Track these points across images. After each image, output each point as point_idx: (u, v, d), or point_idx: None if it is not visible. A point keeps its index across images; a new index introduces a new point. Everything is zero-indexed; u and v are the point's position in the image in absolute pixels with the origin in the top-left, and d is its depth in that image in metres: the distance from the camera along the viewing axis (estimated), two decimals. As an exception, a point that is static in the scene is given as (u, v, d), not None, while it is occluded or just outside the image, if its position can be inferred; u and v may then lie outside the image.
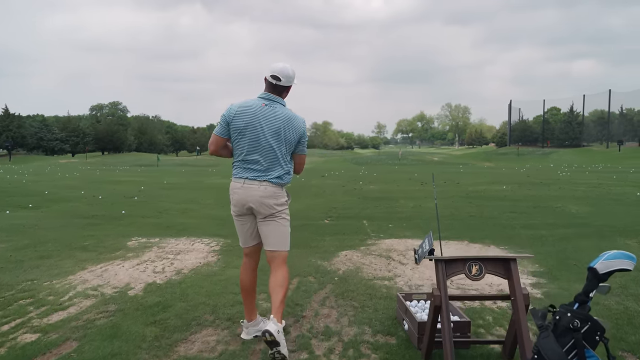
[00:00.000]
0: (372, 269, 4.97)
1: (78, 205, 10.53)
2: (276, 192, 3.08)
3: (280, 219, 3.13)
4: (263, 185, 3.07)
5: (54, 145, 77.54)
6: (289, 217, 3.20)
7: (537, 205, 9.93)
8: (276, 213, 3.10)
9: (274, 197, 3.08)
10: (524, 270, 4.86)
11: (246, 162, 3.06)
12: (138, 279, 4.55)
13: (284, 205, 3.14)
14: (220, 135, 3.10)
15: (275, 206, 3.09)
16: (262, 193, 3.05)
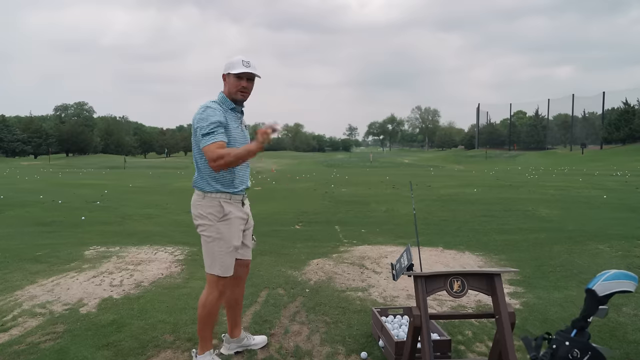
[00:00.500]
0: (344, 278, 4.75)
1: (35, 211, 9.96)
2: (195, 200, 2.77)
3: (201, 234, 2.76)
4: (194, 193, 2.86)
5: (14, 147, 74.74)
6: (214, 237, 2.69)
7: (508, 208, 9.92)
8: (197, 226, 2.77)
9: (194, 206, 2.78)
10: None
11: None
12: (92, 294, 4.20)
13: (203, 218, 2.70)
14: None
15: (195, 217, 2.78)
16: (191, 201, 2.84)
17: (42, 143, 76.32)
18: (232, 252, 2.76)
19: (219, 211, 2.70)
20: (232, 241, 2.74)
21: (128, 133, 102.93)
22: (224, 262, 2.73)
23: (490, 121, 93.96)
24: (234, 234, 2.75)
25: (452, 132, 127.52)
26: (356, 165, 52.84)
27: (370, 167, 44.37)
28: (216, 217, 2.70)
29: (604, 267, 5.09)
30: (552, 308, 3.81)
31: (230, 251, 2.74)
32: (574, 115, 74.49)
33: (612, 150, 56.53)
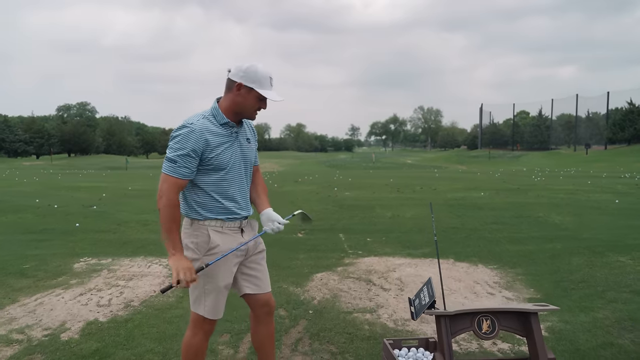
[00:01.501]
0: (351, 297, 4.40)
1: (28, 217, 9.64)
2: (183, 227, 2.37)
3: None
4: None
5: (16, 147, 74.62)
6: (198, 271, 2.25)
7: (519, 215, 9.55)
8: (186, 254, 2.38)
9: (182, 234, 2.38)
10: (519, 297, 4.37)
11: None
12: (77, 316, 3.86)
13: (188, 249, 2.31)
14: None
15: (183, 245, 2.38)
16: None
17: (44, 143, 76.15)
18: (222, 291, 2.37)
19: (206, 242, 2.30)
20: (218, 280, 2.33)
21: (130, 133, 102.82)
22: (211, 303, 2.34)
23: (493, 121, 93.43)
24: (221, 271, 2.32)
25: (454, 132, 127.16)
26: (358, 165, 52.52)
27: (373, 168, 44.02)
28: (202, 249, 2.30)
29: (630, 283, 4.73)
30: (581, 335, 3.45)
31: (219, 290, 2.35)
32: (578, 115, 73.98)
33: (616, 150, 56.03)
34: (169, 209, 2.20)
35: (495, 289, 4.62)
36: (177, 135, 2.21)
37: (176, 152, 2.19)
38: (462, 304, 4.17)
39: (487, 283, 4.83)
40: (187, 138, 2.19)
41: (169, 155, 2.20)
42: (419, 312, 2.21)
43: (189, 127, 2.21)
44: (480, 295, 4.42)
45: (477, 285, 4.77)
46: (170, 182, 2.20)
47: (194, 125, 2.21)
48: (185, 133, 2.20)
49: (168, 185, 2.20)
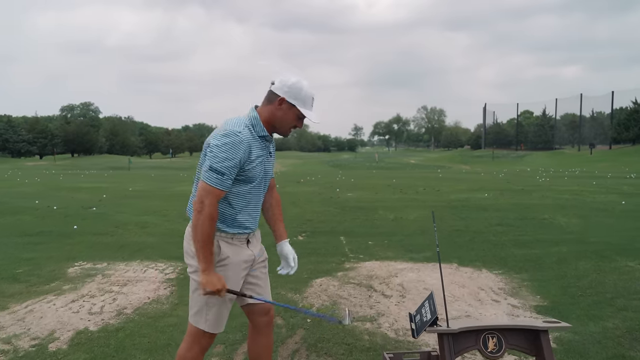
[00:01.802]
0: (351, 304, 4.26)
1: (26, 219, 9.53)
2: (189, 233, 2.25)
3: (190, 275, 2.25)
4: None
5: (20, 147, 74.76)
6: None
7: (523, 216, 9.38)
8: (187, 263, 2.28)
9: (186, 240, 2.28)
10: (525, 305, 4.21)
11: None
12: (67, 325, 3.73)
13: (194, 258, 2.18)
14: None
15: (185, 253, 2.29)
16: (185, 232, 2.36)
17: (48, 144, 76.24)
18: (226, 305, 2.25)
19: (216, 252, 2.18)
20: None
21: (133, 133, 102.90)
22: (213, 316, 2.21)
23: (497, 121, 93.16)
24: (230, 284, 2.21)
25: (458, 131, 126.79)
26: (362, 165, 52.37)
27: (376, 168, 43.86)
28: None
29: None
30: (591, 347, 3.30)
31: (223, 303, 2.23)
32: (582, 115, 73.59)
33: (621, 150, 55.68)
34: (210, 223, 2.08)
35: (500, 296, 4.47)
36: (224, 144, 2.07)
37: (224, 163, 2.06)
38: (465, 312, 4.02)
39: (492, 289, 4.68)
40: (236, 148, 2.08)
41: (215, 165, 2.06)
42: (420, 329, 2.07)
43: (237, 136, 2.09)
44: (484, 303, 4.27)
45: (481, 291, 4.62)
46: (215, 195, 2.08)
47: (242, 135, 2.10)
48: (234, 142, 2.08)
49: (212, 198, 2.07)
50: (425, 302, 2.12)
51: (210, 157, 2.08)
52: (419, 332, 2.08)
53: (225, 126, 2.13)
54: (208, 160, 2.08)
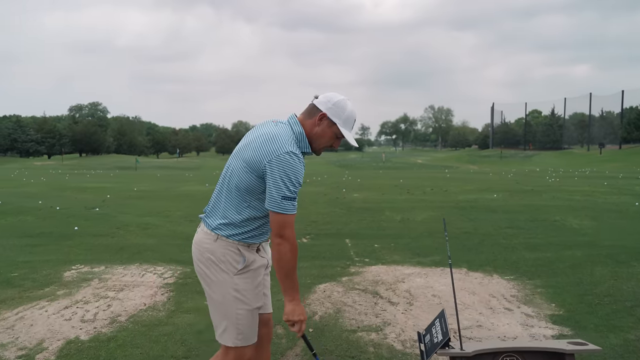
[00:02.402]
0: (355, 312, 4.06)
1: (28, 220, 9.41)
2: (203, 240, 2.09)
3: (207, 285, 2.09)
4: (200, 227, 2.18)
5: (28, 147, 75.23)
6: (231, 295, 2.03)
7: (534, 218, 9.13)
8: (201, 273, 2.11)
9: (199, 249, 2.10)
10: (540, 314, 3.99)
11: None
12: (57, 333, 3.56)
13: (213, 267, 2.04)
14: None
15: (198, 262, 2.11)
16: (195, 239, 2.16)
17: (56, 143, 76.66)
18: (255, 313, 2.09)
19: (237, 260, 2.04)
20: (254, 301, 2.07)
21: (141, 133, 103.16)
22: (245, 328, 2.05)
23: (504, 120, 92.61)
24: (257, 291, 2.08)
25: (465, 131, 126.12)
26: (368, 165, 52.11)
27: (383, 169, 43.59)
28: (234, 268, 2.03)
29: (662, 298, 4.33)
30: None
31: (252, 313, 2.08)
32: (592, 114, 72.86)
33: (631, 150, 55.00)
34: (294, 253, 1.98)
35: (513, 304, 4.24)
36: (291, 167, 1.92)
37: (295, 187, 1.94)
38: (476, 321, 3.81)
39: (504, 296, 4.46)
40: (300, 170, 1.97)
41: (288, 193, 1.92)
42: (431, 352, 1.86)
43: (297, 157, 1.96)
44: (496, 311, 4.05)
45: (492, 299, 4.40)
46: (292, 222, 1.96)
47: (299, 155, 1.99)
48: (297, 164, 1.95)
49: (290, 227, 1.96)
50: (435, 320, 1.92)
51: (279, 182, 1.91)
52: (429, 355, 1.88)
53: (279, 142, 1.96)
54: (277, 187, 1.91)
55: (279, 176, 1.91)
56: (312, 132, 2.08)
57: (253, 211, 2.05)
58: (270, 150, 1.94)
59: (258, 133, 2.06)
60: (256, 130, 2.12)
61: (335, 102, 2.06)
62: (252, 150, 2.00)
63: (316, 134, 2.07)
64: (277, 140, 1.96)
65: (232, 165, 2.10)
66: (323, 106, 2.06)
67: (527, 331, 3.60)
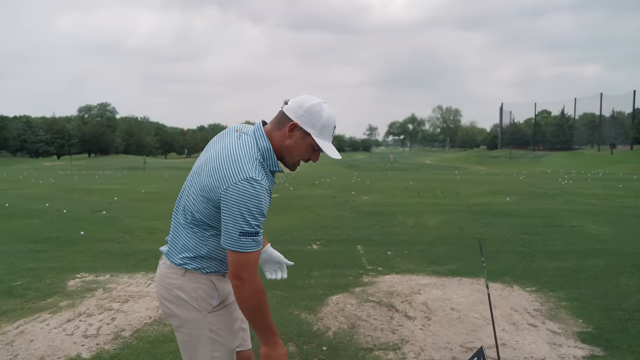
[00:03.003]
0: (371, 327, 3.85)
1: (34, 224, 9.29)
2: (168, 275, 1.81)
3: (179, 331, 1.83)
4: (162, 260, 1.90)
5: (38, 147, 75.67)
6: (205, 335, 1.78)
7: (550, 223, 8.86)
8: (169, 313, 1.82)
9: (165, 285, 1.81)
10: (567, 331, 3.76)
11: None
12: (58, 350, 3.38)
13: (182, 306, 1.77)
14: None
15: (164, 301, 1.82)
16: (158, 274, 1.89)
17: (65, 144, 77.03)
18: (232, 354, 1.86)
19: (210, 295, 1.79)
20: (231, 341, 1.84)
21: (149, 133, 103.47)
22: None
23: (513, 121, 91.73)
24: (234, 329, 1.85)
25: (474, 131, 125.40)
26: (377, 166, 51.81)
27: (392, 169, 43.31)
28: (208, 305, 1.79)
29: (696, 314, 4.08)
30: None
31: (230, 354, 1.85)
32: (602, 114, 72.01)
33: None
34: (258, 296, 1.66)
35: (537, 319, 4.02)
36: (250, 197, 1.60)
37: (257, 220, 1.62)
38: (500, 339, 3.59)
39: (527, 310, 4.24)
40: (263, 199, 1.64)
41: (247, 228, 1.60)
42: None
43: (260, 185, 1.63)
44: (520, 328, 3.83)
45: (515, 313, 4.17)
46: (254, 262, 1.64)
47: (263, 182, 1.65)
48: (260, 193, 1.62)
49: (251, 268, 1.64)
50: (474, 358, 1.71)
51: (236, 215, 1.60)
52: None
53: (239, 165, 1.64)
54: (234, 221, 1.60)
55: (236, 208, 1.60)
56: (282, 145, 1.75)
57: (219, 239, 1.74)
58: (227, 175, 1.63)
59: (217, 150, 1.75)
60: (216, 145, 1.80)
61: (307, 108, 1.71)
62: (206, 174, 1.69)
63: (288, 147, 1.75)
64: (237, 162, 1.65)
65: (188, 190, 1.81)
66: (293, 114, 1.72)
67: (555, 351, 3.37)
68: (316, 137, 1.72)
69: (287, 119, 1.73)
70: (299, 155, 1.78)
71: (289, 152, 1.76)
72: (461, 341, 3.56)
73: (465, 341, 3.56)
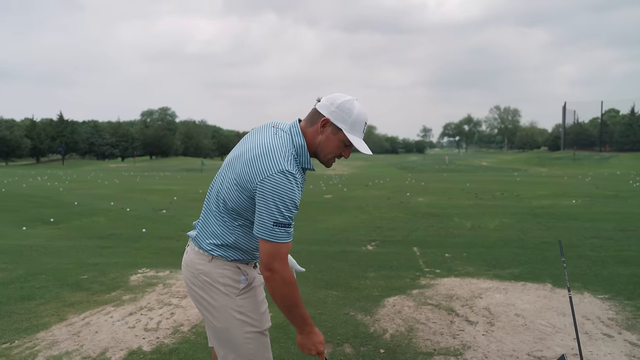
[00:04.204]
0: (430, 331, 3.70)
1: (100, 221, 9.75)
2: (195, 261, 1.85)
3: (207, 312, 1.84)
4: (189, 246, 1.93)
5: (104, 150, 79.92)
6: (235, 318, 1.81)
7: (623, 227, 8.29)
8: (197, 298, 1.86)
9: (192, 271, 1.85)
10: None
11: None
12: (121, 342, 3.48)
13: (210, 289, 1.81)
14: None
15: (192, 287, 1.86)
16: (185, 260, 1.93)
17: (129, 146, 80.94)
18: (265, 336, 1.87)
19: (237, 280, 1.82)
20: (261, 322, 1.85)
21: (206, 136, 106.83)
22: (255, 352, 1.82)
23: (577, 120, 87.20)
24: (263, 312, 1.88)
25: (534, 132, 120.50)
26: (431, 168, 50.82)
27: (447, 171, 42.30)
28: (235, 289, 1.81)
29: None
30: None
31: (262, 336, 1.85)
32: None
33: None
34: (289, 288, 1.70)
35: (612, 329, 3.72)
36: (284, 189, 1.65)
37: (290, 212, 1.67)
38: (572, 349, 3.34)
39: (600, 319, 3.94)
40: (296, 193, 1.70)
41: (282, 218, 1.65)
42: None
43: (294, 178, 1.69)
44: (593, 338, 3.56)
45: (587, 321, 3.89)
46: (285, 253, 1.69)
47: (297, 176, 1.71)
48: (293, 186, 1.68)
49: (282, 259, 1.68)
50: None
51: (271, 206, 1.64)
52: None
53: (274, 158, 1.69)
54: (268, 211, 1.65)
55: (271, 199, 1.64)
56: (315, 141, 1.80)
57: (247, 232, 1.81)
58: (264, 167, 1.67)
59: (254, 143, 1.79)
60: (252, 138, 1.84)
61: (339, 104, 1.76)
62: (242, 165, 1.74)
63: (320, 143, 1.79)
64: (273, 155, 1.69)
65: (221, 179, 1.85)
66: (325, 110, 1.77)
67: (635, 364, 3.10)
68: (347, 133, 1.76)
69: (320, 115, 1.78)
70: (331, 151, 1.81)
71: (322, 148, 1.80)
72: (528, 349, 3.35)
73: (533, 349, 3.35)
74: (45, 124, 78.80)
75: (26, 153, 72.54)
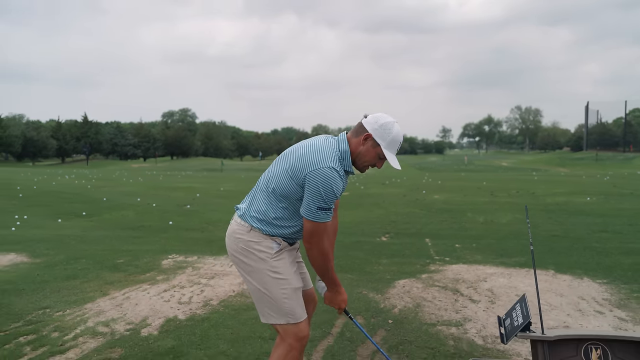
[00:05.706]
0: (435, 307, 4.07)
1: (129, 215, 10.31)
2: (236, 231, 2.22)
3: (247, 274, 2.21)
4: (233, 219, 2.33)
5: (127, 150, 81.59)
6: (270, 276, 2.16)
7: (633, 222, 8.49)
8: (238, 262, 2.23)
9: (233, 239, 2.23)
10: (635, 318, 3.76)
11: None
12: (158, 312, 3.93)
13: (248, 255, 2.17)
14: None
15: (233, 252, 2.24)
16: (228, 230, 2.33)
17: (150, 147, 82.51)
18: (299, 292, 2.25)
19: (271, 246, 2.18)
20: (295, 280, 2.23)
21: (226, 137, 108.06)
22: (293, 305, 2.18)
23: (600, 120, 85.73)
24: (294, 271, 2.27)
25: (556, 132, 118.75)
26: (449, 168, 50.72)
27: (466, 171, 42.22)
28: (269, 254, 2.18)
29: None
30: None
31: (296, 292, 2.23)
32: None
33: None
34: (323, 257, 2.15)
35: (605, 307, 4.04)
36: (329, 180, 2.02)
37: (331, 200, 2.05)
38: (563, 322, 3.68)
39: (595, 299, 4.25)
40: (339, 183, 2.08)
41: (324, 204, 2.03)
42: (511, 334, 1.89)
43: (337, 174, 2.06)
44: (586, 314, 3.88)
45: (582, 301, 4.20)
46: (323, 230, 2.09)
47: (340, 173, 2.09)
48: (337, 178, 2.06)
49: (320, 235, 2.09)
50: (516, 304, 1.94)
51: (317, 193, 2.02)
52: (509, 338, 1.90)
53: (323, 156, 2.07)
54: (314, 197, 2.03)
55: (317, 187, 2.01)
56: (357, 150, 2.15)
57: (287, 213, 2.17)
58: (314, 161, 2.04)
59: (306, 143, 2.18)
60: (306, 140, 2.24)
61: (382, 124, 2.12)
62: (296, 158, 2.11)
63: (360, 152, 2.15)
64: (322, 153, 2.07)
65: (275, 168, 2.21)
66: (369, 126, 2.13)
67: (617, 333, 3.42)
68: (384, 149, 2.14)
69: (364, 130, 2.15)
70: (368, 161, 2.18)
71: (361, 157, 2.17)
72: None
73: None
74: (70, 125, 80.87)
75: (52, 153, 74.66)
